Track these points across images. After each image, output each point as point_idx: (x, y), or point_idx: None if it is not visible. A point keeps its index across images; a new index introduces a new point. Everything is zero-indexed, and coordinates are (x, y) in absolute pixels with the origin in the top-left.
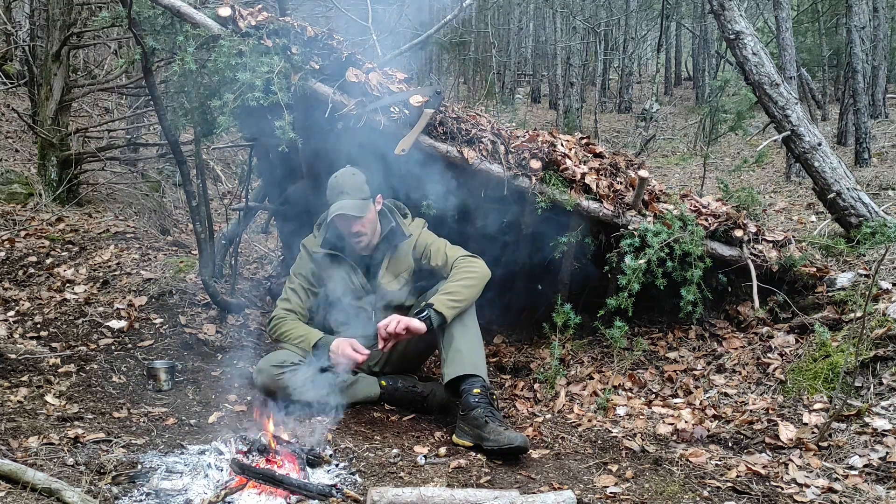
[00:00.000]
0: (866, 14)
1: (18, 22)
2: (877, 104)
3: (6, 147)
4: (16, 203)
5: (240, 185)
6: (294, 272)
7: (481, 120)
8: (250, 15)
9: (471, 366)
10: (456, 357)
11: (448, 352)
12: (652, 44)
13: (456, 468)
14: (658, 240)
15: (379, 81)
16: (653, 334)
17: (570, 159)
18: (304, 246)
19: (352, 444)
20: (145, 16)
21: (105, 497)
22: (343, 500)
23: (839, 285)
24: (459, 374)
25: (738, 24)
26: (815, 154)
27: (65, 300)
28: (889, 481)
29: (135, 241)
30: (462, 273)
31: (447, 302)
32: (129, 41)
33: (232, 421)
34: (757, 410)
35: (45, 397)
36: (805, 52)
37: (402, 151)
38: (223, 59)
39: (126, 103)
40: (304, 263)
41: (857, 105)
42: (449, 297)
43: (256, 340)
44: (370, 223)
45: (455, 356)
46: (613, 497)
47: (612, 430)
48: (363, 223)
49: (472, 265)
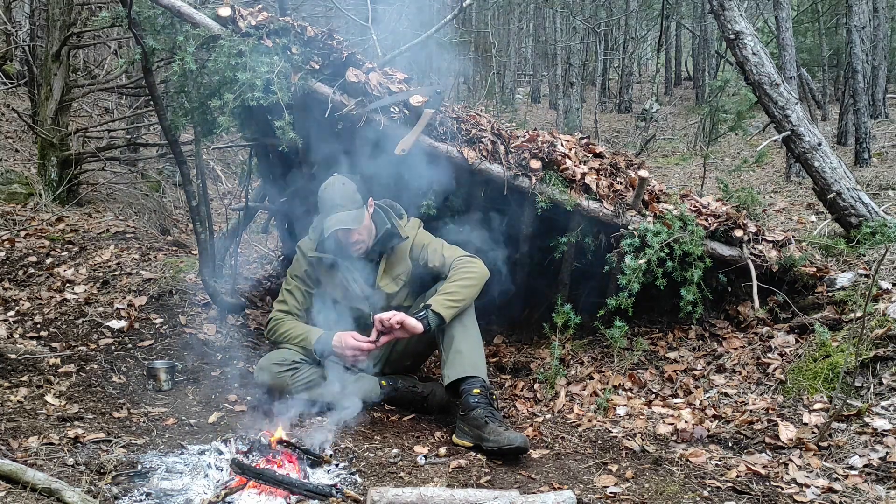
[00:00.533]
0: (866, 14)
1: (18, 22)
2: (877, 104)
3: (6, 147)
4: (16, 203)
5: (240, 185)
6: (290, 274)
7: (481, 120)
8: (250, 15)
9: (471, 367)
10: (456, 358)
11: (448, 353)
12: (652, 44)
13: (456, 468)
14: (658, 240)
15: (379, 81)
16: (653, 334)
17: (570, 159)
18: (300, 248)
19: (352, 444)
20: (145, 16)
21: (105, 497)
22: (343, 500)
23: (839, 285)
24: (460, 375)
25: (738, 24)
26: (815, 154)
27: (65, 300)
28: (889, 481)
29: (135, 241)
30: (460, 273)
31: (445, 302)
32: (129, 41)
33: (232, 421)
34: (757, 410)
35: (45, 397)
36: (805, 52)
37: (402, 151)
38: (223, 59)
39: (126, 103)
40: (300, 265)
41: (857, 105)
42: (447, 297)
43: (256, 340)
44: (366, 229)
45: (455, 357)
46: (613, 497)
47: (612, 430)
48: (360, 231)
49: (471, 266)
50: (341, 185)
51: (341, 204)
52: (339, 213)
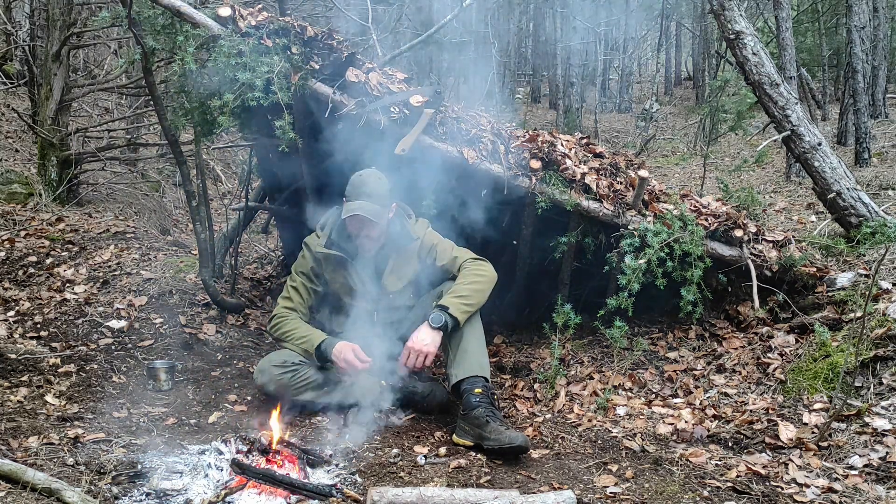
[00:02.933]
0: (866, 14)
1: (18, 22)
2: (877, 104)
3: (6, 147)
4: (16, 203)
5: (240, 185)
6: (296, 270)
7: (481, 120)
8: (250, 15)
9: (478, 367)
10: (464, 358)
11: (456, 353)
12: (652, 44)
13: (456, 468)
14: (658, 240)
15: (379, 81)
16: (653, 334)
17: (570, 159)
18: (306, 244)
19: (352, 444)
20: (145, 16)
21: (105, 497)
22: (343, 500)
23: (839, 285)
24: (468, 375)
25: (738, 24)
26: (815, 154)
27: (65, 300)
28: (889, 481)
29: (135, 241)
30: (472, 276)
31: (461, 306)
32: (129, 41)
33: (232, 421)
34: (757, 410)
35: (45, 397)
36: (805, 52)
37: (402, 151)
38: (223, 59)
39: (126, 103)
40: (306, 261)
41: (857, 105)
42: (462, 300)
43: (256, 340)
44: (381, 229)
45: (463, 357)
46: (613, 497)
47: (612, 430)
48: (376, 228)
49: (482, 268)
50: (377, 178)
51: (370, 194)
52: (365, 200)
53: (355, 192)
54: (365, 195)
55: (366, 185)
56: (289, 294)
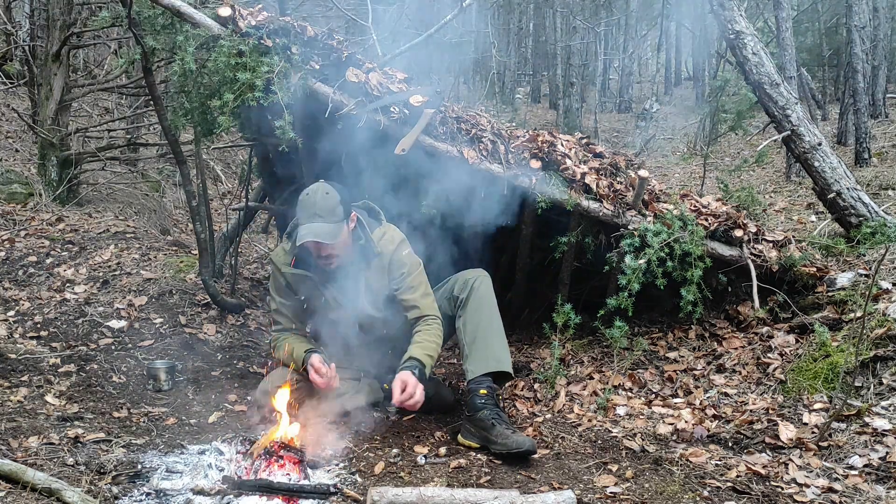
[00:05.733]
0: (866, 14)
1: (18, 22)
2: (877, 104)
3: (6, 147)
4: (16, 203)
5: (240, 185)
6: (272, 291)
7: (481, 120)
8: (250, 15)
9: (494, 362)
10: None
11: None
12: (652, 44)
13: (456, 468)
14: (658, 240)
15: (379, 81)
16: (653, 334)
17: (570, 159)
18: (273, 262)
19: (352, 444)
20: (145, 16)
21: (105, 497)
22: (343, 500)
23: (839, 285)
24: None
25: (738, 24)
26: (815, 154)
27: (65, 300)
28: (889, 481)
29: (135, 241)
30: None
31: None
32: (129, 41)
33: (232, 421)
34: (757, 410)
35: (45, 397)
36: (805, 52)
37: (402, 151)
38: (223, 59)
39: (126, 103)
40: (278, 280)
41: (857, 105)
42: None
43: (256, 340)
44: (341, 246)
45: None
46: (613, 497)
47: (612, 430)
48: (333, 247)
49: (439, 330)
50: (324, 195)
51: (319, 214)
52: (316, 223)
53: (306, 214)
54: (316, 216)
55: (315, 204)
56: (275, 318)
